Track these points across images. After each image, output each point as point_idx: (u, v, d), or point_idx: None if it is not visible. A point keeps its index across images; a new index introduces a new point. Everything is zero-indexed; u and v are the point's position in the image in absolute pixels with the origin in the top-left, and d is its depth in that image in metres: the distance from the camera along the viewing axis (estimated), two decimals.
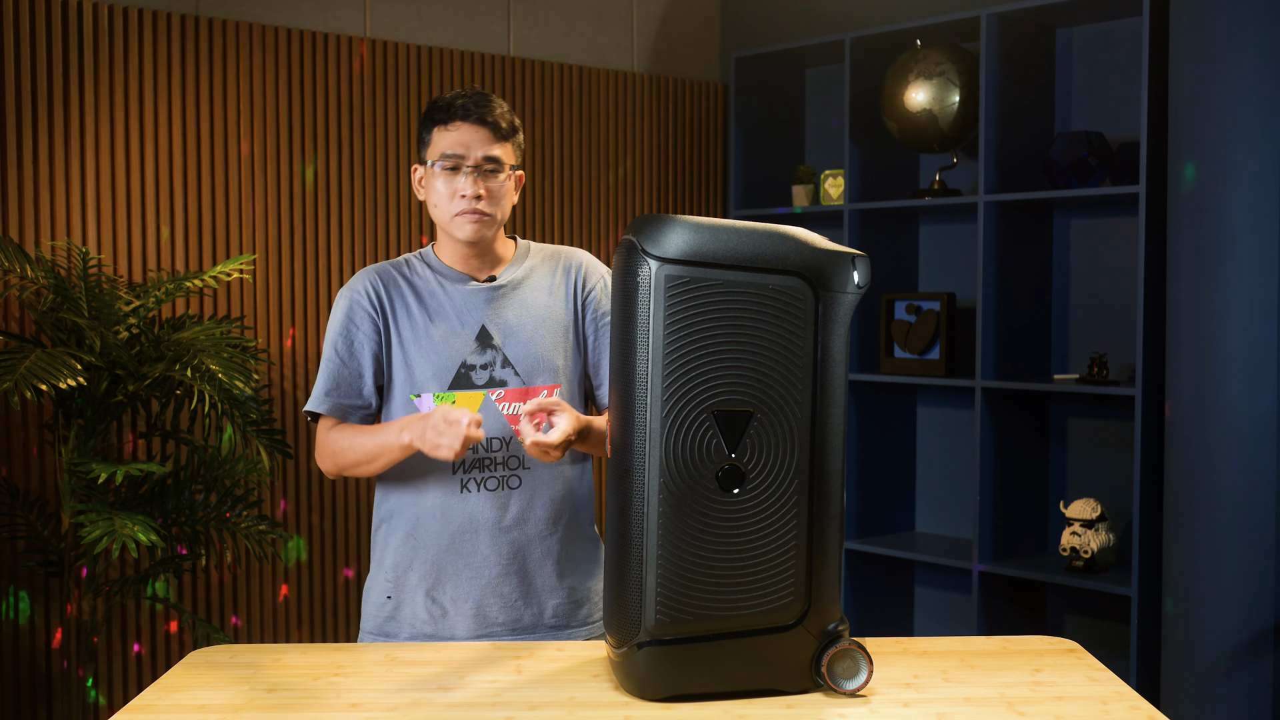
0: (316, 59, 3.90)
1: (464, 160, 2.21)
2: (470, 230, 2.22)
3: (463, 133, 2.21)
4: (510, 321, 2.26)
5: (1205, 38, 3.18)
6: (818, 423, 1.82)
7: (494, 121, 2.22)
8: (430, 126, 2.24)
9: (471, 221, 2.22)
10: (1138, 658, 3.53)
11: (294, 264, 3.88)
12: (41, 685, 3.48)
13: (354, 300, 2.26)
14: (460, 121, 2.21)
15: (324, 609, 3.95)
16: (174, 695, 1.89)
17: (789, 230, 1.82)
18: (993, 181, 3.81)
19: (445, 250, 2.30)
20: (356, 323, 2.25)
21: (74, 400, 3.23)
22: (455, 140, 2.21)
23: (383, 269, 2.29)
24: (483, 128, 2.21)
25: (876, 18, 4.39)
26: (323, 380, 2.26)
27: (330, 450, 2.24)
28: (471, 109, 2.21)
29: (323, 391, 2.25)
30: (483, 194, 2.21)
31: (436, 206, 2.24)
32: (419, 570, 2.25)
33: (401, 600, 2.27)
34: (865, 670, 1.86)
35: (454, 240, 2.27)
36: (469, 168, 2.20)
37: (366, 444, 2.19)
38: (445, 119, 2.22)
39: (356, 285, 2.28)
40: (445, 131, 2.22)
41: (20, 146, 3.43)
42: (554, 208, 4.42)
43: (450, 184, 2.21)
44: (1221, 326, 3.18)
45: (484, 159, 2.21)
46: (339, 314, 2.27)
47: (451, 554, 2.24)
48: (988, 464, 3.83)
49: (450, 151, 2.21)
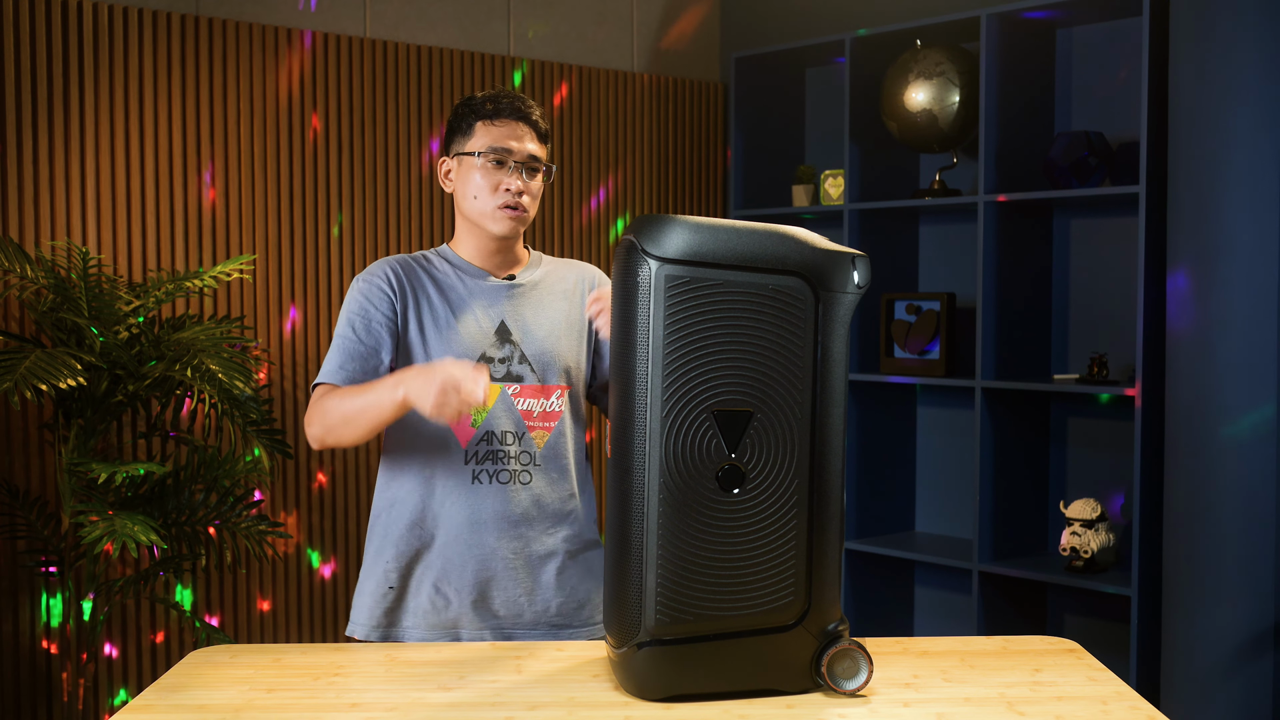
0: (316, 59, 3.90)
1: (511, 155, 2.23)
2: (508, 226, 2.25)
3: (511, 128, 2.24)
4: (528, 320, 2.28)
5: (1205, 38, 3.18)
6: (818, 423, 1.82)
7: (536, 122, 2.27)
8: (472, 120, 2.25)
9: (511, 217, 2.24)
10: (1138, 658, 3.53)
11: (294, 264, 3.88)
12: (41, 685, 3.48)
13: (372, 283, 2.24)
14: (508, 118, 2.24)
15: (314, 608, 3.95)
16: (174, 695, 1.89)
17: (789, 230, 1.82)
18: (993, 181, 3.81)
19: (465, 247, 2.31)
20: (375, 303, 2.23)
21: (74, 400, 3.23)
22: (504, 134, 2.23)
23: (402, 259, 2.30)
24: (528, 125, 2.25)
25: (876, 18, 4.39)
26: (336, 355, 2.20)
27: (320, 410, 2.15)
28: (518, 106, 2.25)
29: (336, 365, 2.19)
30: (525, 190, 2.24)
31: (475, 199, 2.25)
32: (425, 560, 2.25)
33: (404, 590, 2.26)
34: (865, 670, 1.86)
35: (480, 235, 2.28)
36: (515, 163, 2.23)
37: (356, 399, 2.10)
38: (492, 114, 2.24)
39: (375, 270, 2.27)
40: (492, 126, 2.24)
41: (20, 146, 3.43)
42: (554, 208, 4.42)
43: (493, 177, 2.23)
44: (1221, 326, 3.18)
45: (529, 156, 2.25)
46: (355, 295, 2.24)
47: (459, 545, 2.24)
48: (988, 464, 3.83)
49: (499, 145, 2.23)
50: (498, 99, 2.25)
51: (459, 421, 2.20)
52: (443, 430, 2.22)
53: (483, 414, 2.23)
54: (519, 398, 2.24)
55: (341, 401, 2.13)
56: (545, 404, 2.26)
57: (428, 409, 1.97)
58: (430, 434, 2.23)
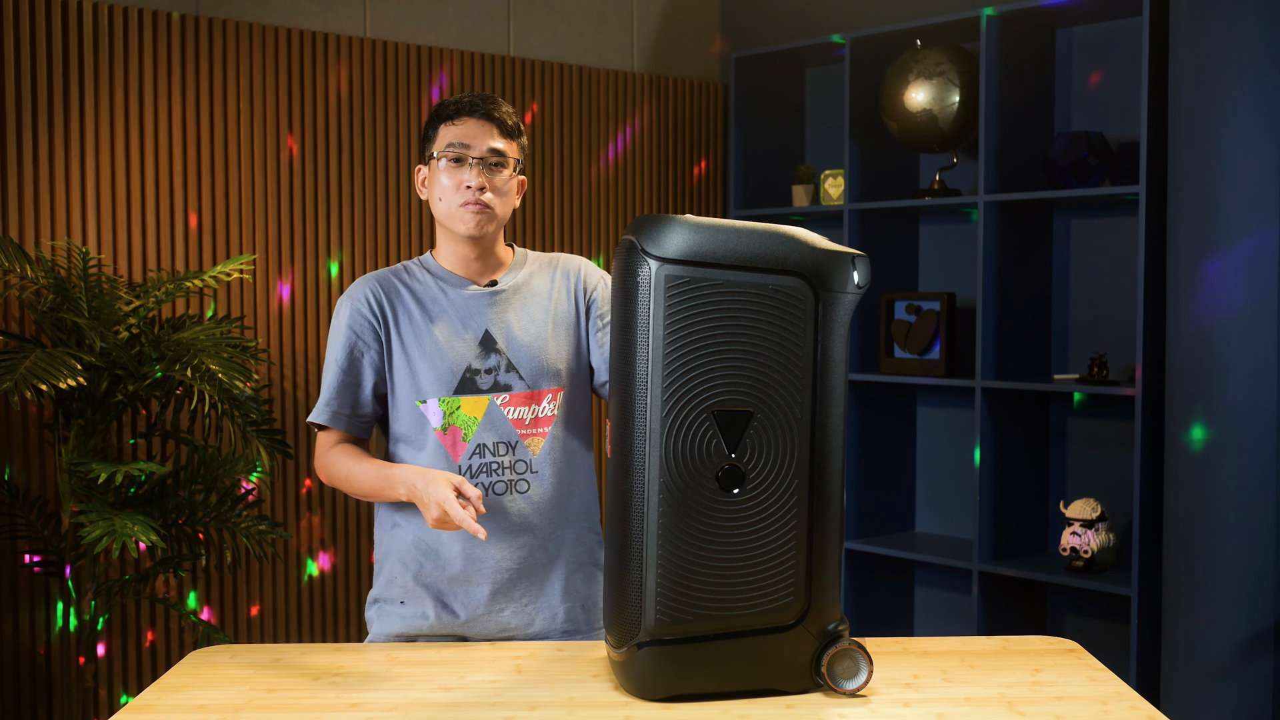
0: (316, 59, 3.90)
1: (469, 151, 2.20)
2: (472, 223, 2.21)
3: (468, 126, 2.21)
4: (513, 326, 2.25)
5: (1205, 38, 3.18)
6: (818, 423, 1.82)
7: (500, 118, 2.23)
8: (436, 124, 2.24)
9: (474, 213, 2.21)
10: (1138, 658, 3.53)
11: (294, 264, 3.88)
12: (41, 685, 3.48)
13: (354, 308, 2.25)
14: (466, 116, 2.22)
15: (313, 608, 3.95)
16: (174, 695, 1.89)
17: (789, 230, 1.82)
18: (993, 181, 3.81)
19: (445, 255, 2.29)
20: (357, 331, 2.24)
21: (74, 400, 3.23)
22: (460, 133, 2.21)
23: (382, 276, 2.29)
24: (488, 122, 2.22)
25: (876, 18, 4.39)
26: (325, 390, 2.27)
27: (329, 473, 2.27)
28: (479, 105, 2.22)
29: (323, 402, 2.26)
30: (486, 186, 2.21)
31: (440, 200, 2.23)
32: (430, 575, 2.25)
33: (412, 605, 2.26)
34: (865, 670, 1.86)
35: (455, 240, 2.26)
36: (474, 159, 2.20)
37: (363, 484, 2.21)
38: (452, 115, 2.22)
39: (356, 293, 2.27)
40: (452, 126, 2.22)
41: (20, 146, 3.43)
42: (554, 208, 4.42)
43: (454, 176, 2.21)
44: (1221, 326, 3.18)
45: (489, 151, 2.21)
46: (340, 323, 2.26)
47: (461, 560, 2.23)
48: (988, 464, 3.83)
49: (455, 142, 2.21)
50: (460, 99, 2.24)
51: (452, 446, 2.23)
52: (436, 448, 2.23)
53: (474, 426, 2.22)
54: (508, 407, 2.23)
55: (351, 477, 2.24)
56: (537, 410, 2.24)
57: (429, 520, 2.08)
58: (423, 455, 2.24)
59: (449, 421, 2.21)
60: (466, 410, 2.21)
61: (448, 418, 2.21)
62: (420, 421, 2.22)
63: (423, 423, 2.22)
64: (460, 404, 2.21)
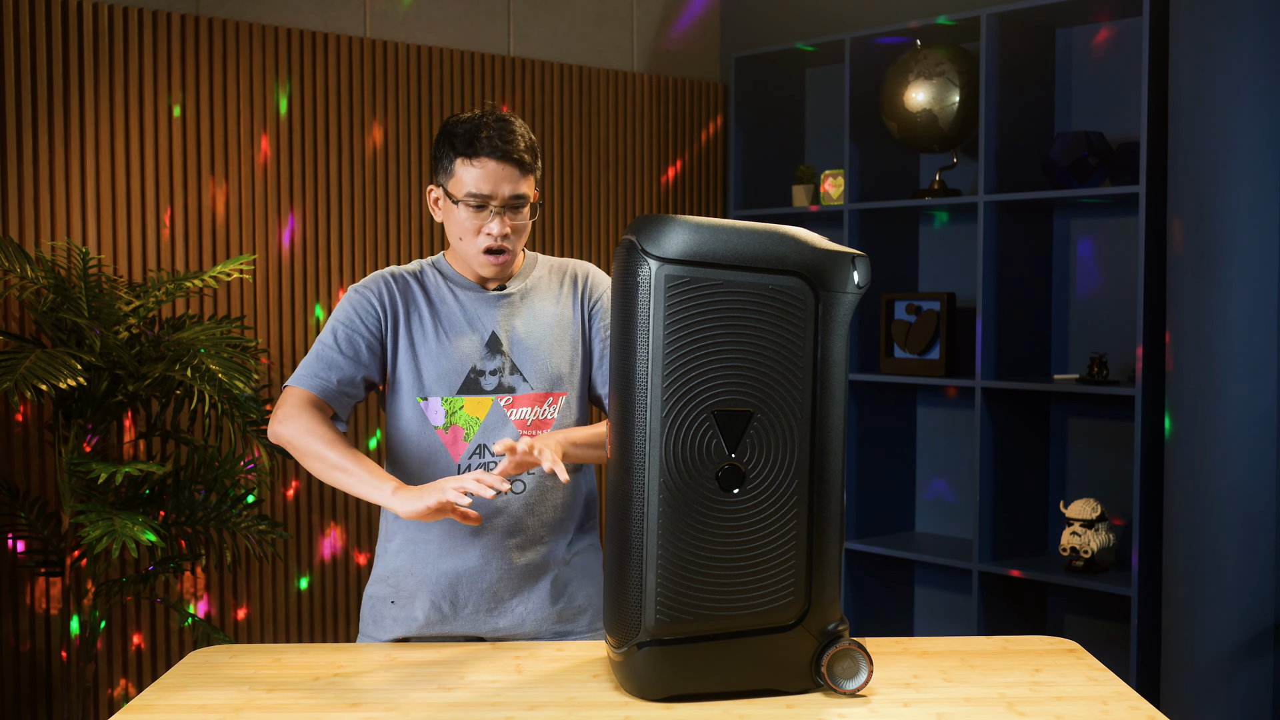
0: (316, 59, 3.90)
1: (491, 200, 2.17)
2: (492, 270, 2.22)
3: (489, 170, 2.15)
4: (519, 329, 2.26)
5: (1205, 38, 3.18)
6: (818, 423, 1.82)
7: (519, 158, 2.17)
8: (452, 155, 2.18)
9: (494, 263, 2.20)
10: (1138, 658, 3.53)
11: (294, 264, 3.88)
12: (41, 685, 3.48)
13: (364, 296, 2.24)
14: (486, 158, 2.15)
15: (315, 608, 3.95)
16: (174, 695, 1.89)
17: (789, 230, 1.82)
18: (993, 181, 3.81)
19: (458, 260, 2.29)
20: (361, 317, 2.23)
21: (74, 400, 3.23)
22: (481, 178, 2.15)
23: (396, 273, 2.28)
24: (509, 164, 2.16)
25: (876, 18, 4.39)
26: (313, 361, 2.20)
27: (296, 428, 2.14)
28: (497, 143, 2.15)
29: (310, 371, 2.19)
30: (509, 232, 2.19)
31: (460, 240, 2.21)
32: (423, 576, 2.25)
33: (405, 605, 2.26)
34: (865, 670, 1.86)
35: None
36: (496, 207, 2.17)
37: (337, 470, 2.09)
38: (470, 153, 2.15)
39: (369, 283, 2.26)
40: (470, 166, 2.16)
41: (20, 146, 3.43)
42: (554, 208, 4.42)
43: (475, 220, 2.18)
44: (1221, 326, 3.18)
45: (511, 197, 2.18)
46: (345, 306, 2.25)
47: (455, 559, 2.23)
48: (988, 464, 3.83)
49: (477, 191, 2.16)
50: (476, 133, 2.15)
51: (453, 445, 2.22)
52: (436, 446, 2.22)
53: (476, 426, 2.22)
54: (511, 408, 2.23)
55: (324, 450, 2.10)
56: (539, 412, 2.25)
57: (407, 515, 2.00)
58: (423, 452, 2.23)
59: (451, 421, 2.22)
60: (469, 410, 2.22)
61: (450, 417, 2.22)
62: (421, 419, 2.22)
63: (423, 421, 2.22)
64: (463, 404, 2.22)
